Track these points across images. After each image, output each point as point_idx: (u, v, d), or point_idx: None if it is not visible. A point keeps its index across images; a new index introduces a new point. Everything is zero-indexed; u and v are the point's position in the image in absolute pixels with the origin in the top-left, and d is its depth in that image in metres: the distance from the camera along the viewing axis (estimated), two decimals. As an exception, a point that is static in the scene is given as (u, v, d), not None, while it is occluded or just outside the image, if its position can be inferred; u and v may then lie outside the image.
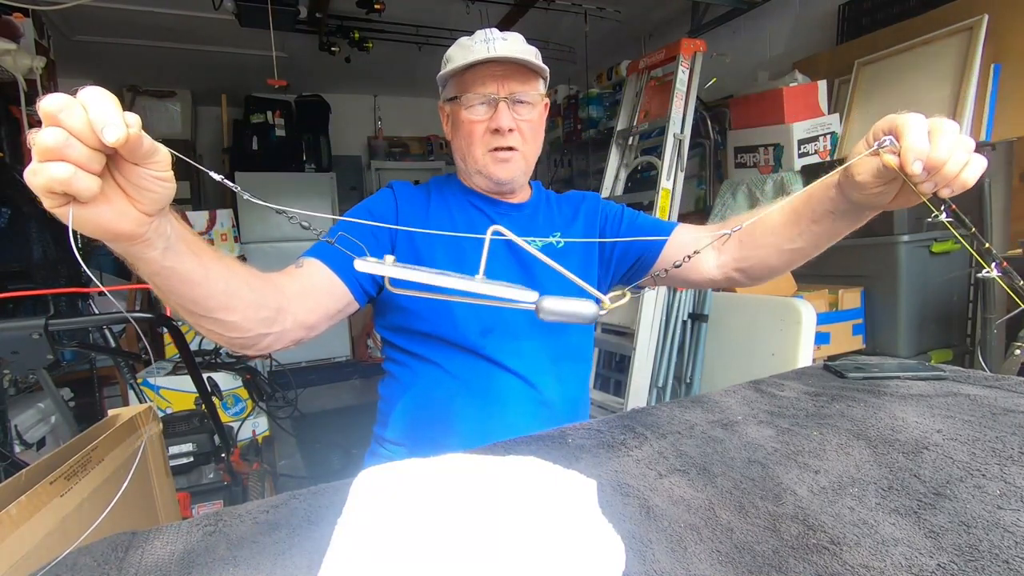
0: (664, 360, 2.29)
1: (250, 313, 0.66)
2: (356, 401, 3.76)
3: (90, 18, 3.15)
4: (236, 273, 0.63)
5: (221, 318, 0.63)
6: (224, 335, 0.66)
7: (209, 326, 0.64)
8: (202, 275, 0.58)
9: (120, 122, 0.40)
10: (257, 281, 0.68)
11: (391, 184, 0.99)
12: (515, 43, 0.88)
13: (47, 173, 0.40)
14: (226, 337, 0.66)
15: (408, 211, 0.94)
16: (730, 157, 2.76)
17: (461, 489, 0.48)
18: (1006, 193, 2.18)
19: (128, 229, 0.46)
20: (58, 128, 0.39)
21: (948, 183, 0.57)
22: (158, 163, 0.45)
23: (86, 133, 0.40)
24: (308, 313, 0.76)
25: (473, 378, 0.90)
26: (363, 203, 0.96)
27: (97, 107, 0.40)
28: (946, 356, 2.09)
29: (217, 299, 0.61)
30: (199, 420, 1.63)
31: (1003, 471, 0.54)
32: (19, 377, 1.98)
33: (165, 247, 0.51)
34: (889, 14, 2.43)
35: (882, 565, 0.41)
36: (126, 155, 0.43)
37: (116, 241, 0.48)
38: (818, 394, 0.81)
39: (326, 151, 4.82)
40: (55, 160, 0.40)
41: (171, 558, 0.47)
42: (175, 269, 0.54)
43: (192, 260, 0.56)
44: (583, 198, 1.05)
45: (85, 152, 0.40)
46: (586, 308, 0.55)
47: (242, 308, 0.64)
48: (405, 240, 0.92)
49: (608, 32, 3.68)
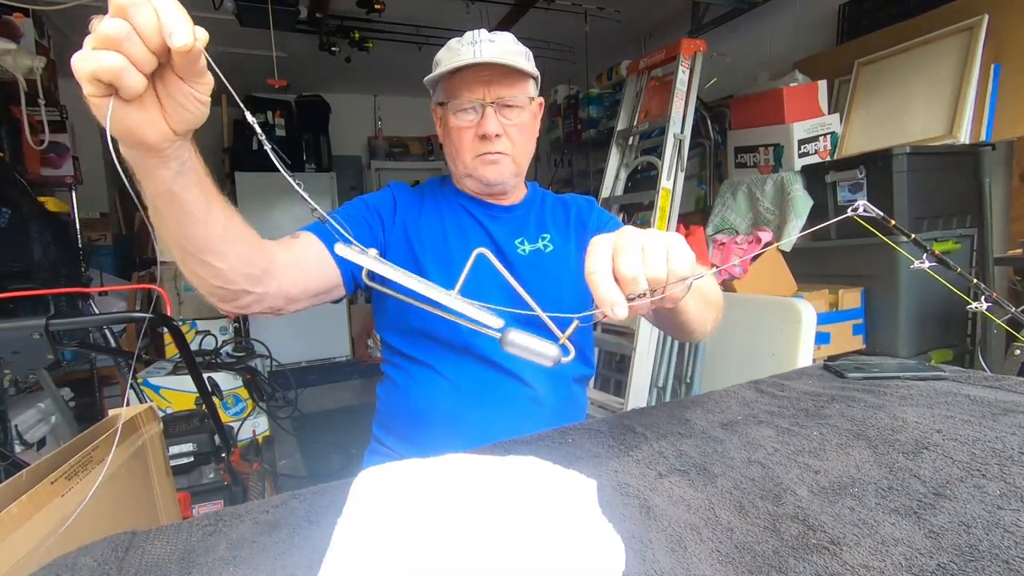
0: (664, 360, 2.29)
1: (239, 265, 0.65)
2: (356, 401, 3.76)
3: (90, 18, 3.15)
4: (235, 223, 0.63)
5: (211, 262, 0.62)
6: (209, 281, 0.65)
7: (196, 268, 0.63)
8: (204, 211, 0.57)
9: (189, 30, 0.41)
10: (253, 238, 0.67)
11: (390, 184, 1.00)
12: (503, 44, 0.87)
13: (99, 60, 0.41)
14: (210, 284, 0.65)
15: (404, 212, 0.95)
16: (730, 157, 2.76)
17: (461, 489, 0.48)
18: (1006, 193, 2.18)
19: (153, 140, 0.47)
20: (122, 21, 0.40)
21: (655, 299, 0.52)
22: (204, 84, 0.45)
23: (150, 33, 0.41)
24: (292, 284, 0.76)
25: (468, 380, 0.90)
26: (363, 197, 0.97)
27: (169, 11, 0.41)
28: (946, 356, 2.09)
29: (212, 241, 0.61)
30: (199, 420, 1.63)
31: (1003, 471, 0.54)
32: (19, 377, 1.98)
33: (179, 170, 0.52)
34: (889, 14, 2.43)
35: (882, 565, 0.41)
36: (178, 68, 0.44)
37: (137, 149, 0.48)
38: (818, 394, 0.81)
39: (326, 151, 4.83)
40: (111, 50, 0.41)
41: (171, 558, 0.47)
42: (180, 196, 0.54)
43: (198, 193, 0.56)
44: (578, 202, 1.05)
45: (142, 50, 0.41)
46: (549, 349, 0.52)
47: (233, 257, 0.64)
48: (400, 239, 0.93)
49: (608, 32, 3.68)
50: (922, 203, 2.01)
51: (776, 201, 2.45)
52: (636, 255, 0.50)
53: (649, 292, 0.51)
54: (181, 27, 0.41)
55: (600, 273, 0.50)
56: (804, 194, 2.33)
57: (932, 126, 2.12)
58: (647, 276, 0.50)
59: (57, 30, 3.22)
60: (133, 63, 0.41)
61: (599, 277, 0.50)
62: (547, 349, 0.52)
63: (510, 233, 0.96)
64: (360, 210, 0.93)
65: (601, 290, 0.50)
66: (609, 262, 0.51)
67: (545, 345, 0.52)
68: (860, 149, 2.29)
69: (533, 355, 0.51)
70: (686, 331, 0.78)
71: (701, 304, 0.74)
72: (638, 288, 0.50)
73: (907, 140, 2.13)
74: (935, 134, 2.10)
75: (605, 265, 0.50)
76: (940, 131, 2.08)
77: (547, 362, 0.52)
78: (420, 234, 0.93)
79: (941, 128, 2.08)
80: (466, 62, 0.84)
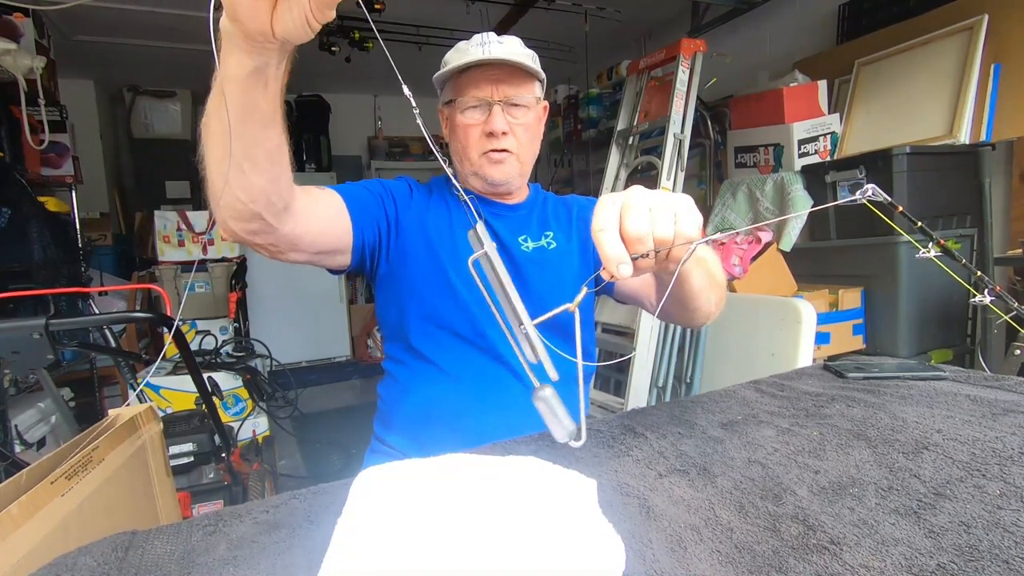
0: (664, 360, 2.29)
1: (270, 188, 0.64)
2: (356, 401, 3.76)
3: (90, 18, 3.15)
4: (284, 152, 0.62)
5: (247, 171, 0.60)
6: (235, 191, 0.62)
7: (231, 172, 0.59)
8: (266, 119, 0.56)
9: None
10: (290, 173, 0.66)
11: (403, 177, 1.01)
12: (512, 46, 0.89)
13: None
14: (229, 196, 0.62)
15: (418, 201, 0.96)
16: (730, 157, 2.76)
17: (461, 489, 0.48)
18: (1006, 193, 2.18)
19: (252, 27, 0.46)
20: None
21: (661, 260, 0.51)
22: (324, 11, 0.45)
23: None
24: (305, 232, 0.75)
25: (471, 377, 0.90)
26: (381, 180, 0.97)
27: None
28: (946, 356, 2.09)
29: (258, 150, 0.59)
30: (199, 420, 1.63)
31: (1003, 471, 0.54)
32: (19, 377, 1.98)
33: (257, 70, 0.51)
34: (889, 14, 2.43)
35: (882, 565, 0.41)
36: None
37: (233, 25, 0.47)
38: (818, 394, 0.81)
39: (326, 151, 4.83)
40: None
41: (171, 558, 0.47)
42: (251, 92, 0.53)
43: (266, 104, 0.55)
44: (579, 201, 1.06)
45: None
46: (567, 425, 0.49)
47: (268, 178, 0.62)
48: (415, 224, 0.93)
49: (608, 32, 3.68)
50: (922, 203, 2.01)
51: (776, 201, 2.45)
52: (644, 215, 0.50)
53: (654, 254, 0.50)
54: None
55: (607, 231, 0.50)
56: (804, 194, 2.33)
57: (932, 126, 2.12)
58: (654, 236, 0.50)
59: (57, 30, 3.23)
60: None
61: (606, 235, 0.50)
62: (566, 424, 0.49)
63: (514, 231, 0.97)
64: (377, 188, 0.94)
65: (607, 248, 0.49)
66: (616, 221, 0.50)
67: (567, 419, 0.49)
68: (860, 149, 2.29)
69: (553, 422, 0.49)
70: (689, 308, 0.76)
71: (705, 279, 0.74)
72: (643, 247, 0.50)
73: (907, 140, 2.13)
74: (935, 134, 2.09)
75: (612, 223, 0.50)
76: (940, 131, 2.08)
77: (560, 436, 0.49)
78: (432, 227, 0.94)
79: (941, 128, 2.08)
80: (475, 58, 0.86)
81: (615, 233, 0.50)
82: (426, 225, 0.94)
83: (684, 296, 0.73)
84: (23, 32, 2.49)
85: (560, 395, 0.48)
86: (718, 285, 0.80)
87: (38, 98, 2.40)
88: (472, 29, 0.93)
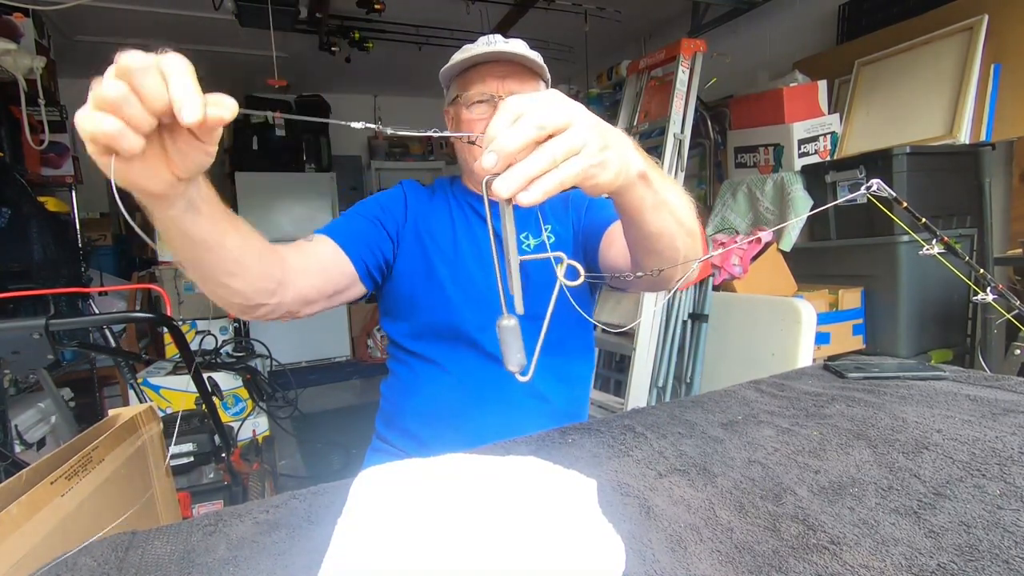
0: (664, 360, 2.29)
1: (255, 281, 0.67)
2: (356, 401, 3.76)
3: (90, 18, 3.15)
4: (249, 243, 0.63)
5: (226, 283, 0.64)
6: (225, 298, 0.67)
7: (212, 288, 0.65)
8: (216, 241, 0.58)
9: (199, 105, 0.38)
10: (267, 252, 0.68)
11: (402, 183, 1.02)
12: (517, 47, 0.90)
13: (96, 123, 0.39)
14: (226, 300, 0.67)
15: (415, 210, 0.97)
16: (730, 157, 2.76)
17: (461, 489, 0.48)
18: (1006, 193, 2.18)
19: (158, 190, 0.46)
20: (122, 84, 0.38)
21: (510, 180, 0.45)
22: (213, 138, 0.44)
23: (153, 98, 0.38)
24: (308, 288, 0.77)
25: (473, 377, 0.91)
26: (376, 196, 0.98)
27: (179, 82, 0.38)
28: (946, 356, 2.09)
29: (225, 266, 0.62)
30: (199, 420, 1.63)
31: (1003, 471, 0.54)
32: (19, 377, 1.98)
33: (186, 209, 0.51)
34: (889, 14, 2.43)
35: (882, 565, 0.41)
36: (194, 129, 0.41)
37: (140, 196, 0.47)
38: (818, 394, 0.81)
39: (326, 151, 4.82)
40: (109, 113, 0.39)
41: (171, 558, 0.47)
42: (191, 231, 0.54)
43: (209, 226, 0.55)
44: (573, 190, 1.06)
45: (141, 114, 0.39)
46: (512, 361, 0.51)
47: (247, 277, 0.65)
48: (412, 237, 0.94)
49: (608, 32, 3.68)
50: (922, 203, 2.01)
51: (776, 201, 2.45)
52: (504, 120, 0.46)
53: None
54: (191, 103, 0.38)
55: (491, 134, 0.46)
56: (804, 194, 2.33)
57: (932, 126, 2.12)
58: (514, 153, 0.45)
59: (57, 30, 3.23)
60: (132, 126, 0.39)
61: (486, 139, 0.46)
62: (520, 357, 0.51)
63: (516, 229, 0.97)
64: (372, 210, 0.94)
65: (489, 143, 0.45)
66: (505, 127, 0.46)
67: (521, 354, 0.51)
68: (860, 149, 2.29)
69: (508, 351, 0.51)
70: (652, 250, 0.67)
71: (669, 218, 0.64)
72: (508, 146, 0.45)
73: (907, 140, 2.13)
74: (935, 134, 2.09)
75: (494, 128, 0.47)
76: (940, 131, 2.08)
77: (510, 365, 0.51)
78: (431, 231, 0.95)
79: (941, 128, 2.08)
80: (481, 51, 0.86)
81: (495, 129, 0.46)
82: (426, 228, 0.95)
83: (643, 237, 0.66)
84: (23, 32, 2.50)
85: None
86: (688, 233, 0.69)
87: (38, 98, 2.40)
88: (472, 29, 0.94)
